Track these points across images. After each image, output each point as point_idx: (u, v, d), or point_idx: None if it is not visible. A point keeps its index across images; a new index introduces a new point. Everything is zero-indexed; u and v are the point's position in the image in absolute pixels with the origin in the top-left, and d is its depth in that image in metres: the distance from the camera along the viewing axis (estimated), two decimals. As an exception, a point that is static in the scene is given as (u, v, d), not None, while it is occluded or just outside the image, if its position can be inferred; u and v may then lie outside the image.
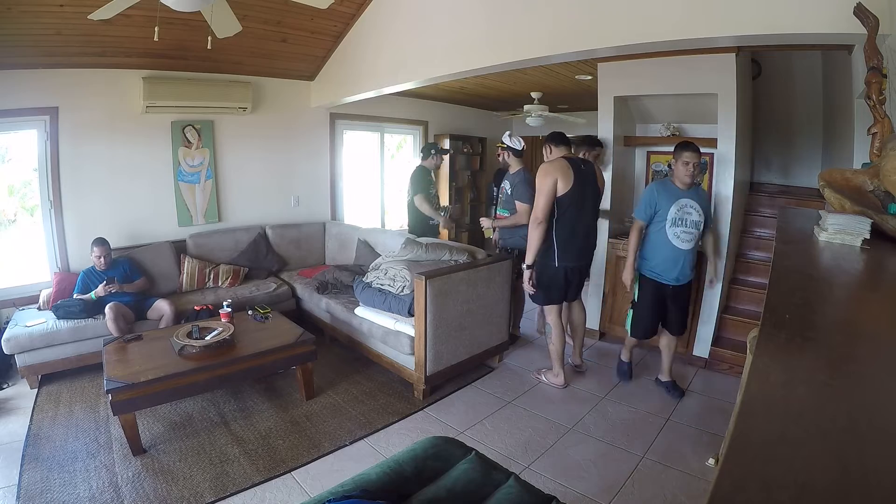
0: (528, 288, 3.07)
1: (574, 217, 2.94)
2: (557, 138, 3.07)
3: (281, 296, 4.07)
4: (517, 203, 3.49)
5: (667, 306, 3.00)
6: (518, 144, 3.61)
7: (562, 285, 3.06)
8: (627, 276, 3.04)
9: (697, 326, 3.51)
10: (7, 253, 3.68)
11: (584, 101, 5.29)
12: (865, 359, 0.73)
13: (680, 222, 2.85)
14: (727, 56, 3.16)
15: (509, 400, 3.05)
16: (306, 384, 2.99)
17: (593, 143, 3.72)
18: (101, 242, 3.45)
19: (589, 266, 3.27)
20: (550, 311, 3.16)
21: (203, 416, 2.80)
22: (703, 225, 2.89)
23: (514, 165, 3.63)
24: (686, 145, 2.83)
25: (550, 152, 3.05)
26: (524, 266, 3.03)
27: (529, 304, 3.94)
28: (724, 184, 3.36)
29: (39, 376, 3.15)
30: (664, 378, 3.14)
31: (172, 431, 2.64)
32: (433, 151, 4.52)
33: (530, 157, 8.07)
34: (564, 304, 3.27)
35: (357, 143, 5.83)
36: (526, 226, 3.14)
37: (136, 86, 3.83)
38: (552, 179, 2.85)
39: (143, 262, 3.80)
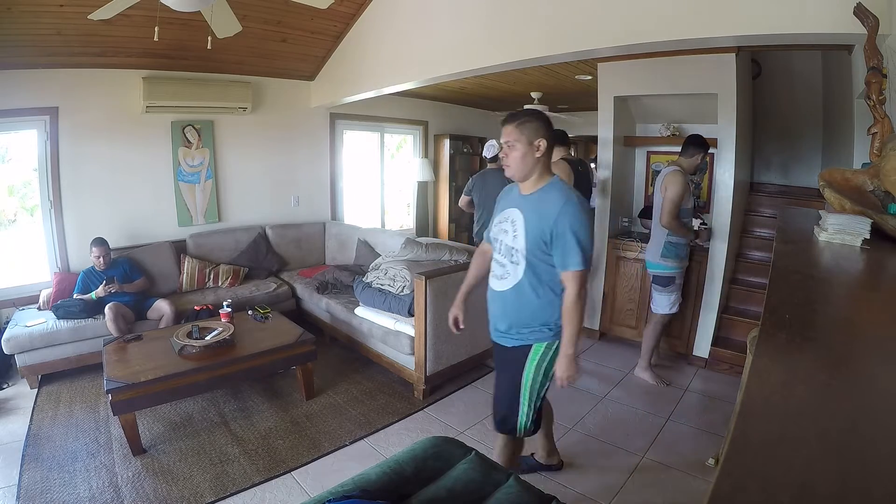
0: None
1: None
2: (558, 138, 3.12)
3: (281, 296, 4.07)
4: None
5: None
6: (485, 152, 4.08)
7: None
8: (451, 312, 2.16)
9: (697, 326, 3.51)
10: (7, 253, 3.67)
11: (584, 101, 5.28)
12: (865, 359, 0.73)
13: (494, 244, 1.84)
14: (727, 56, 3.16)
15: (509, 400, 3.05)
16: (306, 384, 2.99)
17: (704, 144, 3.07)
18: (100, 242, 3.45)
19: None
20: None
21: (203, 416, 2.80)
22: (523, 255, 1.68)
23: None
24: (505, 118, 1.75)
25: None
26: None
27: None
28: (724, 184, 3.36)
29: (39, 376, 3.15)
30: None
31: (172, 431, 2.64)
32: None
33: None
34: None
35: (357, 143, 5.84)
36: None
37: (136, 86, 3.83)
38: None
39: (143, 262, 3.80)
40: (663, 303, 3.15)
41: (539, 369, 1.77)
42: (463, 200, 4.25)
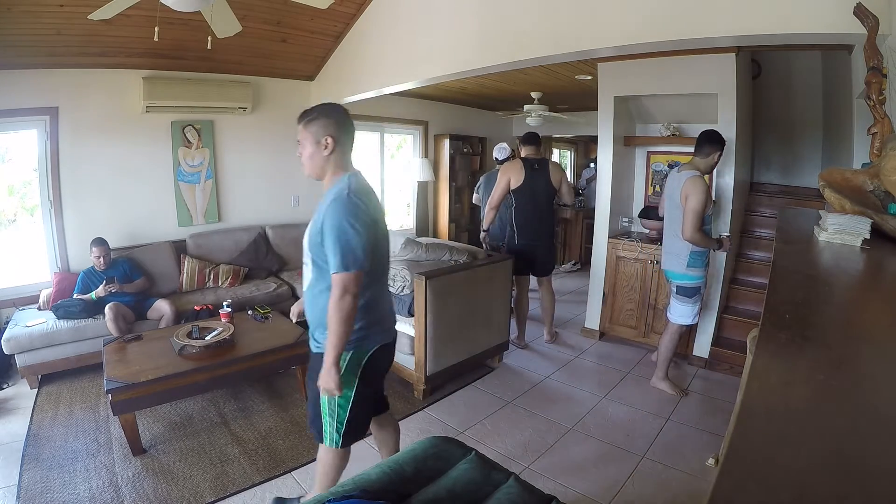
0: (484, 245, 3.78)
1: (527, 206, 3.58)
2: (524, 139, 3.70)
3: (281, 296, 4.07)
4: None
5: None
6: (496, 154, 4.40)
7: (525, 259, 3.64)
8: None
9: (697, 326, 3.51)
10: (7, 253, 3.67)
11: (584, 101, 5.28)
12: (865, 359, 0.73)
13: None
14: (727, 56, 3.16)
15: (509, 400, 3.05)
16: (306, 384, 2.98)
17: (720, 140, 2.83)
18: (100, 242, 3.45)
19: (548, 246, 3.77)
20: (518, 282, 3.75)
21: (203, 416, 2.80)
22: (308, 254, 1.66)
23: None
24: None
25: (521, 150, 3.73)
26: (482, 229, 3.82)
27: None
28: (725, 184, 3.35)
29: (39, 376, 3.15)
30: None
31: (172, 431, 2.64)
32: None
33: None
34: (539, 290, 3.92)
35: (357, 143, 5.82)
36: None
37: (136, 86, 3.83)
38: (506, 177, 3.56)
39: (143, 262, 3.80)
40: (686, 313, 2.97)
41: (351, 384, 1.67)
42: (475, 198, 4.71)
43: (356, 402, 1.69)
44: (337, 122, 1.66)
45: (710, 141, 2.80)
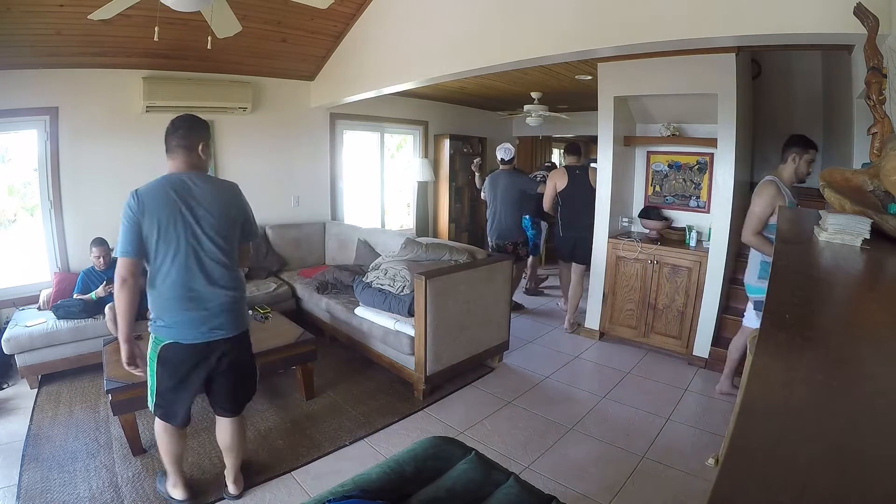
0: None
1: (571, 205, 4.20)
2: (568, 149, 4.38)
3: (281, 296, 4.07)
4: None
5: None
6: (499, 154, 4.60)
7: (567, 248, 4.34)
8: None
9: (697, 326, 3.51)
10: (7, 253, 3.67)
11: (584, 101, 5.29)
12: (865, 359, 0.73)
13: None
14: (727, 56, 3.16)
15: (509, 400, 3.05)
16: (306, 384, 2.99)
17: (807, 144, 2.73)
18: (99, 242, 3.45)
19: (587, 238, 4.10)
20: (562, 264, 4.57)
21: (203, 416, 2.79)
22: None
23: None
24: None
25: (564, 158, 4.39)
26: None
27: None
28: (724, 184, 3.35)
29: (39, 376, 3.15)
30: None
31: (172, 431, 2.63)
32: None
33: (530, 154, 8.10)
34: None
35: (357, 143, 5.84)
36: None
37: (136, 86, 3.84)
38: (553, 183, 4.24)
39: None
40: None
41: (151, 361, 1.91)
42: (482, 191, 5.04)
43: (158, 380, 1.92)
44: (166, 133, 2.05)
45: (789, 144, 2.70)
